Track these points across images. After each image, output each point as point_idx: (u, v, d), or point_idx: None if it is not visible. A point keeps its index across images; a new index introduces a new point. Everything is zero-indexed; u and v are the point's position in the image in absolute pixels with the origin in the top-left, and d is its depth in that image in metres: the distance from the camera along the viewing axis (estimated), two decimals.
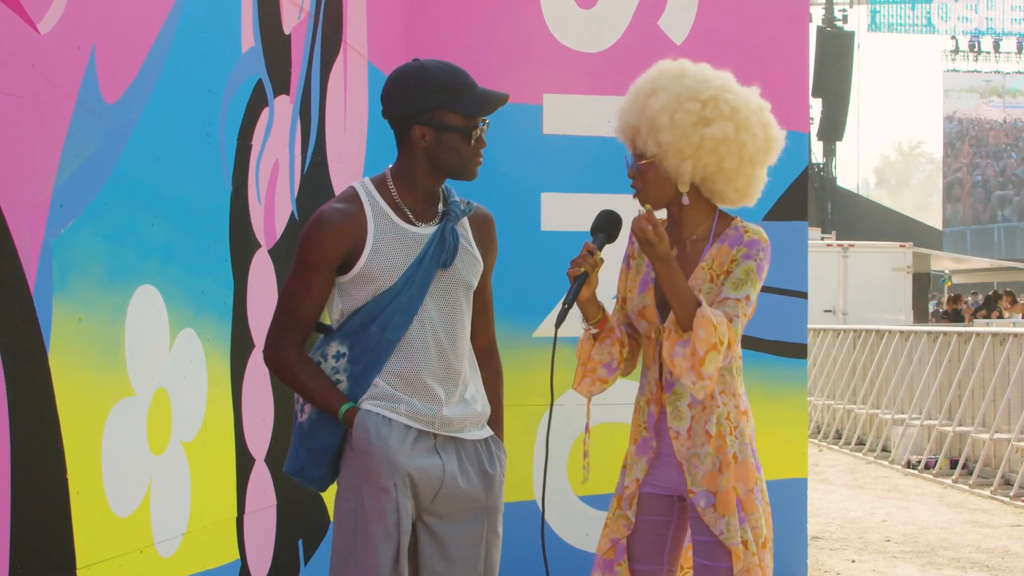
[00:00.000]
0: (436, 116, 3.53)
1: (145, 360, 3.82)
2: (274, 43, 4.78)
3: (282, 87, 4.86)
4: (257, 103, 4.63)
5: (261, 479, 4.76)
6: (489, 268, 3.73)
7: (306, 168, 5.16)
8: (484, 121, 3.58)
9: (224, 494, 4.47)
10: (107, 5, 3.56)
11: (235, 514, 4.54)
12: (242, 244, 4.55)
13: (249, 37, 4.56)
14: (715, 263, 3.87)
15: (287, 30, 4.92)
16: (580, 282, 3.79)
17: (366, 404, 3.51)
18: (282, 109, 4.86)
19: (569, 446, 6.69)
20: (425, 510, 3.55)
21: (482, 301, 3.74)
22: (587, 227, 3.89)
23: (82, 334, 3.46)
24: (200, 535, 4.22)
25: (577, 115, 6.78)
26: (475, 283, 3.65)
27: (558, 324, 3.80)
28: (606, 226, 3.88)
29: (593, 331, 3.92)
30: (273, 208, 4.82)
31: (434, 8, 6.77)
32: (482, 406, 3.67)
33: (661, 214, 3.98)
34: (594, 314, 3.92)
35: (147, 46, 3.80)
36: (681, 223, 3.95)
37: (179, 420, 4.05)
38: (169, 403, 3.98)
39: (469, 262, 3.62)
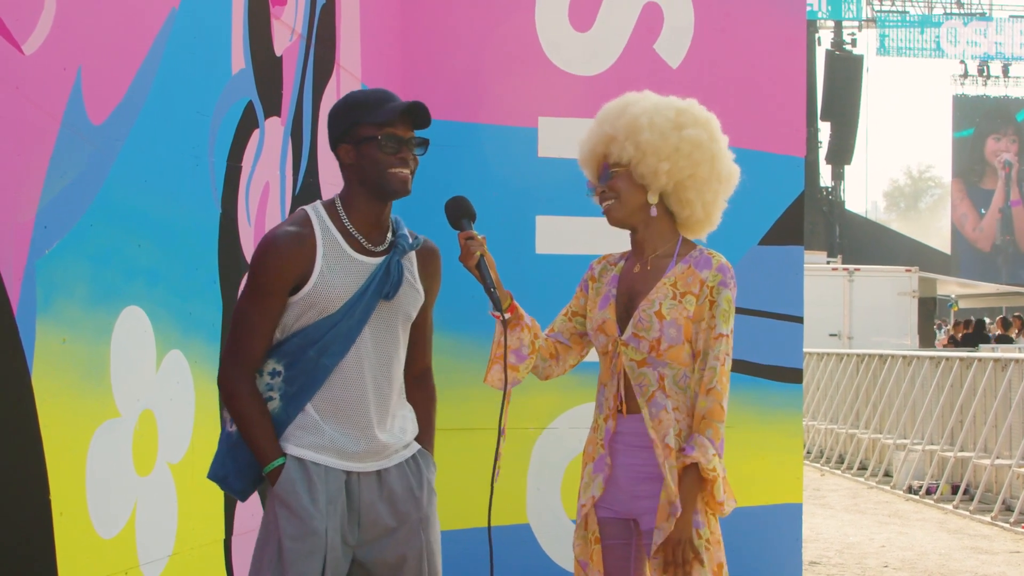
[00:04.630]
0: (353, 131, 3.58)
1: (130, 381, 3.81)
2: (265, 65, 4.79)
3: (273, 109, 4.87)
4: (247, 125, 4.63)
5: (249, 501, 4.73)
6: (431, 300, 3.79)
7: (298, 189, 5.16)
8: (411, 137, 3.59)
9: (212, 516, 4.46)
10: (93, 26, 3.56)
11: (223, 536, 4.53)
12: (231, 266, 4.55)
13: (240, 59, 4.56)
14: (679, 281, 3.91)
15: (279, 52, 4.92)
16: (485, 266, 3.81)
17: (292, 447, 3.52)
18: (273, 131, 4.87)
19: (563, 469, 6.67)
20: (355, 545, 3.56)
21: (421, 330, 3.79)
22: (582, 251, 3.89)
23: (66, 355, 3.46)
24: (187, 557, 4.21)
25: (572, 138, 6.70)
26: (414, 315, 3.70)
27: (498, 307, 3.85)
28: (464, 211, 3.87)
29: (506, 316, 3.92)
30: (263, 230, 4.82)
31: (428, 30, 6.77)
32: (410, 437, 3.71)
33: (625, 243, 4.02)
34: (504, 298, 3.92)
35: (135, 67, 3.81)
36: (645, 243, 3.99)
37: (166, 441, 4.05)
38: (155, 424, 3.98)
39: (411, 295, 3.66)
